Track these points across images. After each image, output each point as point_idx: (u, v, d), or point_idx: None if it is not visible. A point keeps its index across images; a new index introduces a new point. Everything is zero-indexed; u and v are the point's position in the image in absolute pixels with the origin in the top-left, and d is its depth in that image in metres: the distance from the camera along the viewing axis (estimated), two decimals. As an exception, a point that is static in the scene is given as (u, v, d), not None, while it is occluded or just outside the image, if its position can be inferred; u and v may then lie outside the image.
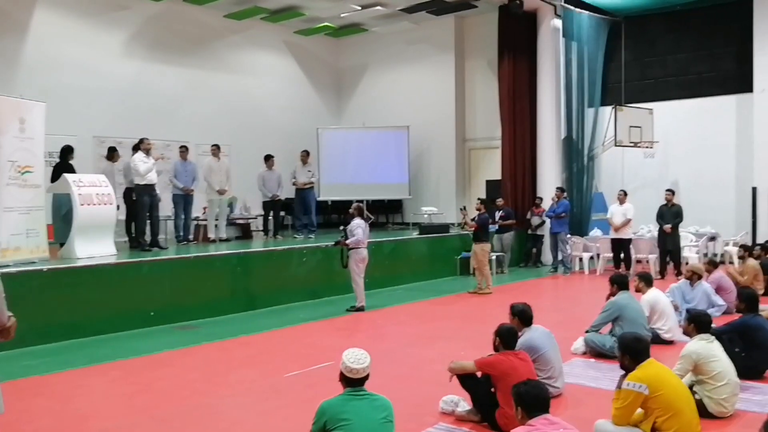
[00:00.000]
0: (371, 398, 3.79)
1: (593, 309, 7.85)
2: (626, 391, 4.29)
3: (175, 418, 5.43)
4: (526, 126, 15.77)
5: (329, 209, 17.82)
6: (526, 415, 3.65)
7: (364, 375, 3.78)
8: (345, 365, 3.78)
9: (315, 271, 11.38)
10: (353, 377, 3.77)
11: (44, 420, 5.38)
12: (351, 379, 3.78)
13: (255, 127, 16.30)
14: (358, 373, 3.77)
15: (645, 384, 4.23)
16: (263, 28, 16.84)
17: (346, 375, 3.79)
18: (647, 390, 4.21)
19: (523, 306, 5.77)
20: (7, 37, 12.06)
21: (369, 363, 3.81)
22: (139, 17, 14.49)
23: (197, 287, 9.69)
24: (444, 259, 14.09)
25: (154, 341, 8.21)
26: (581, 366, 6.82)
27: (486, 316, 9.41)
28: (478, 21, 17.03)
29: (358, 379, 3.78)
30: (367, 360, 3.81)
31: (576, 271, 14.49)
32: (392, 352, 7.64)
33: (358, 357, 3.80)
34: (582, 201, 16.08)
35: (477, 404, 5.11)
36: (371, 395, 3.80)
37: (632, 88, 16.29)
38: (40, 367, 6.98)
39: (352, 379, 3.78)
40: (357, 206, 10.37)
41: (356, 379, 3.77)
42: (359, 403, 3.73)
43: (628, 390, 4.28)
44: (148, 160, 10.93)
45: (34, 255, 8.81)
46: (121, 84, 14.00)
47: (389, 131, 17.18)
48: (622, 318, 7.04)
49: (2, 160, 8.50)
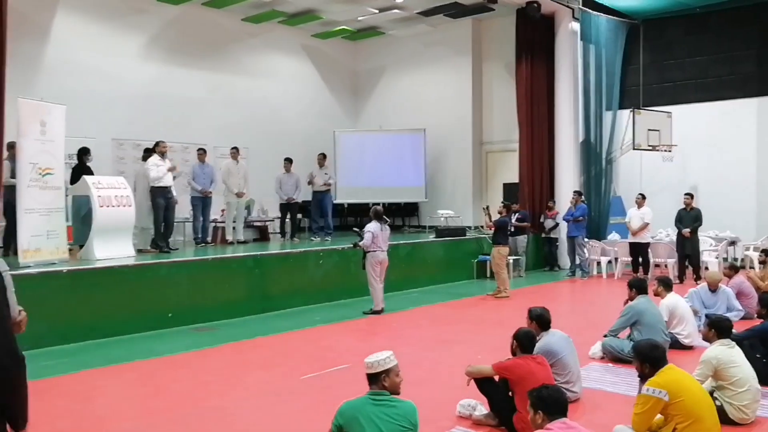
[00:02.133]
0: (390, 404, 3.71)
1: (611, 313, 7.80)
2: (646, 396, 4.25)
3: (191, 419, 5.45)
4: (543, 129, 15.70)
5: (346, 212, 17.85)
6: (548, 418, 3.63)
7: (379, 370, 3.75)
8: (365, 362, 3.80)
9: (331, 274, 11.39)
10: (369, 372, 3.78)
11: (63, 420, 5.42)
12: (369, 375, 3.78)
13: (272, 130, 16.36)
14: (372, 367, 3.76)
15: (665, 390, 4.18)
16: (281, 31, 16.91)
17: (366, 372, 3.80)
18: (667, 396, 4.17)
19: (541, 310, 5.74)
20: (29, 41, 12.19)
21: (384, 358, 3.78)
22: (157, 21, 14.61)
23: (215, 289, 9.73)
24: (460, 262, 14.05)
25: (172, 342, 8.25)
26: (599, 370, 6.77)
27: (503, 319, 9.38)
28: (495, 24, 17.00)
29: (375, 374, 3.76)
30: (380, 356, 3.79)
31: (594, 275, 14.40)
32: (408, 355, 7.60)
33: (375, 354, 3.81)
34: (600, 204, 15.98)
35: (494, 408, 5.09)
36: (391, 401, 3.73)
37: (650, 91, 16.18)
38: (59, 367, 7.03)
39: (370, 375, 3.77)
40: (374, 209, 10.37)
41: (373, 374, 3.76)
42: (376, 409, 3.68)
43: (647, 395, 4.24)
44: (162, 163, 11.00)
45: (54, 256, 8.89)
46: (139, 87, 14.12)
47: (406, 134, 17.18)
48: (640, 323, 6.97)
49: (23, 162, 8.59)
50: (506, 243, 11.90)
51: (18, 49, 10.61)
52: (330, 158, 15.14)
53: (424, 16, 16.34)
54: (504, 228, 11.86)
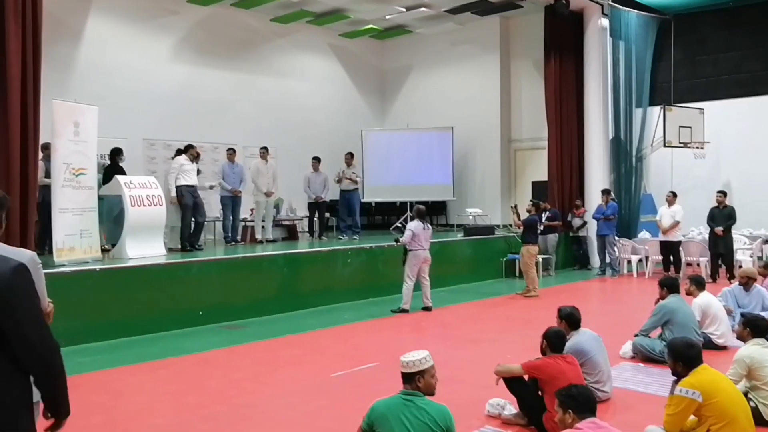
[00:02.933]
0: (420, 406, 3.66)
1: (642, 312, 7.71)
2: (679, 397, 4.19)
3: (222, 416, 5.51)
4: (573, 126, 15.58)
5: (373, 211, 17.87)
6: (577, 417, 3.61)
7: (414, 370, 3.73)
8: (401, 360, 3.79)
9: (359, 272, 11.43)
10: (404, 371, 3.76)
11: (97, 416, 5.51)
12: (404, 374, 3.77)
13: (300, 130, 16.44)
14: (407, 367, 3.74)
15: (698, 391, 4.12)
16: (309, 31, 16.98)
17: (401, 370, 3.79)
18: (701, 397, 4.11)
19: (570, 309, 5.70)
20: (63, 43, 12.40)
21: (420, 359, 3.75)
22: (187, 22, 14.76)
23: (244, 287, 9.82)
24: (489, 261, 14.00)
25: (202, 340, 8.34)
26: (630, 370, 6.70)
27: (532, 318, 9.33)
28: (523, 21, 16.89)
29: (408, 374, 3.75)
30: (416, 356, 3.76)
31: (624, 274, 14.25)
32: (437, 354, 7.54)
33: (411, 352, 3.80)
34: (630, 203, 15.81)
35: (524, 408, 5.07)
36: (422, 402, 3.69)
37: (682, 87, 15.96)
38: (93, 364, 7.16)
39: (405, 375, 3.76)
40: (417, 208, 10.43)
41: (408, 374, 3.75)
42: (406, 410, 3.65)
43: (680, 396, 4.18)
44: (189, 165, 11.14)
45: (88, 255, 9.04)
46: (170, 87, 14.28)
47: (434, 132, 17.14)
48: (672, 322, 6.89)
49: (57, 163, 8.75)
50: (535, 242, 11.82)
51: (52, 52, 10.80)
52: (357, 157, 15.17)
53: (452, 14, 16.28)
54: (533, 227, 11.79)
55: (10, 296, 2.16)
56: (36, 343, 2.25)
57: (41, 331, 2.27)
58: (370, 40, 18.65)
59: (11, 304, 2.17)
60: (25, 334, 2.22)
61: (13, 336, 2.19)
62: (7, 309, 2.16)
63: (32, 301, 2.27)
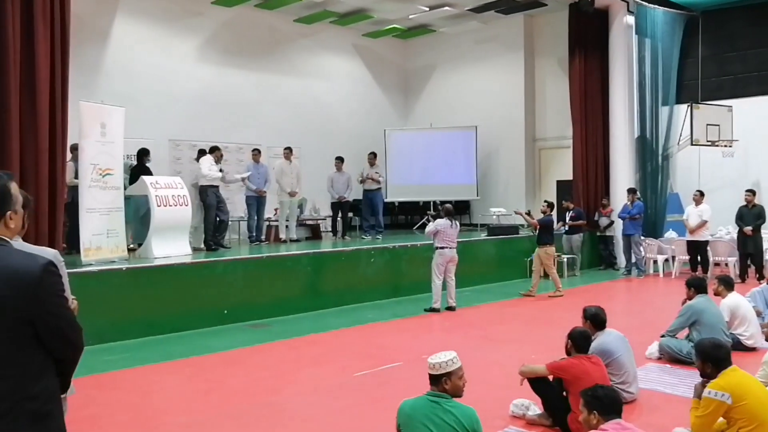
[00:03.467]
0: (446, 407, 3.65)
1: (668, 313, 7.62)
2: (707, 399, 4.13)
3: (247, 414, 5.54)
4: (598, 125, 15.44)
5: (396, 210, 17.87)
6: (603, 418, 3.58)
7: (441, 372, 3.72)
8: (428, 362, 3.78)
9: (382, 272, 11.44)
10: (431, 372, 3.75)
11: (123, 414, 5.58)
12: (430, 375, 3.76)
13: (324, 130, 16.49)
14: (435, 368, 3.74)
15: (728, 393, 4.05)
16: (332, 31, 17.03)
17: (428, 371, 3.78)
18: (730, 399, 4.04)
19: (596, 309, 5.65)
20: (90, 45, 12.56)
21: (448, 360, 3.74)
22: (212, 23, 14.87)
23: (269, 286, 9.87)
24: (513, 261, 13.92)
25: (227, 339, 8.40)
26: (656, 371, 6.63)
27: (557, 319, 9.26)
28: (547, 19, 16.77)
29: (435, 376, 3.74)
30: (443, 357, 3.75)
31: (650, 274, 14.10)
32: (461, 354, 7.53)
33: (439, 353, 3.79)
34: (656, 202, 15.62)
35: (548, 408, 5.04)
36: (448, 404, 3.67)
37: (709, 85, 15.73)
38: (120, 362, 7.24)
39: (432, 376, 3.75)
40: (445, 207, 10.48)
41: (433, 375, 3.74)
42: (431, 411, 3.64)
43: (709, 398, 4.12)
44: (216, 167, 11.23)
45: (114, 254, 9.15)
46: (195, 88, 14.40)
47: (457, 131, 17.09)
48: (699, 323, 6.80)
49: (85, 163, 8.87)
50: (552, 242, 11.70)
51: (80, 54, 10.94)
52: (381, 157, 15.17)
53: (475, 13, 16.22)
54: (549, 227, 11.68)
55: (40, 292, 2.22)
56: (69, 334, 2.33)
57: (71, 322, 2.36)
58: (393, 40, 18.64)
59: (43, 301, 2.23)
60: (60, 328, 2.29)
61: (48, 331, 2.26)
62: (40, 305, 2.23)
63: (62, 296, 2.34)
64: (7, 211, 2.34)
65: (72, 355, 2.39)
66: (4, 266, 2.22)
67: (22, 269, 2.22)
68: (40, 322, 2.23)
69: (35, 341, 2.25)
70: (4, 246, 2.30)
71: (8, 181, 2.40)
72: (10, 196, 2.38)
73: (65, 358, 2.36)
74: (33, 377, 2.25)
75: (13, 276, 2.20)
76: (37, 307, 2.22)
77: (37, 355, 2.26)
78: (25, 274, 2.21)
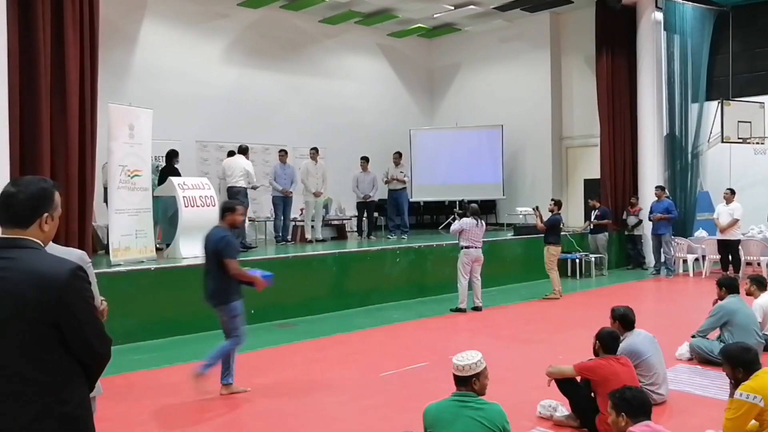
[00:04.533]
0: (476, 406, 3.66)
1: (699, 313, 7.51)
2: (739, 401, 4.06)
3: (273, 414, 5.57)
4: (626, 123, 15.28)
5: (422, 210, 17.84)
6: (631, 420, 3.53)
7: (470, 373, 3.71)
8: (454, 363, 3.78)
9: (408, 272, 11.43)
10: (459, 374, 3.75)
11: (152, 413, 5.64)
12: (458, 377, 3.76)
13: (349, 130, 16.52)
14: (459, 370, 3.74)
15: (760, 395, 3.98)
16: (357, 31, 17.05)
17: (454, 373, 3.78)
18: (762, 402, 3.97)
19: (624, 309, 5.58)
20: (118, 49, 12.71)
21: (476, 362, 3.73)
22: (238, 25, 14.98)
23: (295, 286, 9.90)
24: (540, 261, 13.66)
25: (255, 339, 8.39)
26: (687, 372, 6.54)
27: (584, 319, 9.17)
28: (574, 17, 16.62)
29: (462, 377, 3.74)
30: (472, 359, 3.75)
31: (679, 274, 13.90)
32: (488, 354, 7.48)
33: (464, 354, 3.78)
34: (686, 200, 15.39)
35: (576, 409, 4.99)
36: (478, 403, 3.68)
37: (740, 81, 15.45)
38: (149, 361, 7.33)
39: (459, 377, 3.75)
40: (472, 207, 10.50)
41: (460, 377, 3.74)
42: (461, 411, 3.63)
43: (741, 401, 4.05)
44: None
45: (143, 255, 9.26)
46: (221, 90, 14.51)
47: (483, 131, 17.00)
48: (731, 323, 6.68)
49: (113, 165, 8.99)
50: (558, 242, 11.52)
51: (108, 58, 11.09)
52: (406, 157, 15.16)
53: (501, 11, 16.13)
54: (556, 226, 11.52)
55: (68, 298, 2.24)
56: (94, 342, 2.34)
57: (98, 329, 2.37)
58: (418, 39, 18.61)
59: (70, 306, 2.25)
60: (84, 334, 2.30)
61: (73, 335, 2.27)
62: (66, 310, 2.24)
63: (89, 301, 2.36)
64: (45, 213, 2.37)
65: (96, 363, 2.39)
66: (33, 270, 2.24)
67: (50, 273, 2.24)
68: (66, 326, 2.25)
69: (64, 346, 2.27)
70: (36, 249, 2.33)
71: (53, 188, 2.43)
72: (51, 201, 2.40)
73: (90, 365, 2.37)
74: (63, 381, 2.27)
75: (41, 280, 2.22)
76: (63, 311, 2.23)
77: (66, 360, 2.28)
78: (53, 278, 2.23)
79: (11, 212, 2.32)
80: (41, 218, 2.35)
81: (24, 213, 2.33)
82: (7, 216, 2.33)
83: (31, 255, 2.29)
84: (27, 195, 2.34)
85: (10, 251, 2.28)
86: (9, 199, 2.33)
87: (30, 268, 2.24)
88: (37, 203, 2.35)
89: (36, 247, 2.33)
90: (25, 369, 2.21)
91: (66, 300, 2.23)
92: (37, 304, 2.20)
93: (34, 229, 2.35)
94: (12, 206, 2.32)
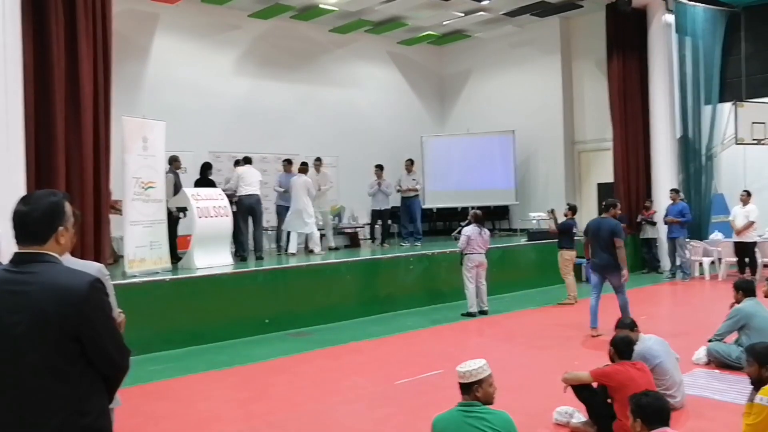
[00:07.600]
0: (481, 416, 3.64)
1: (716, 316, 7.45)
2: (760, 406, 4.00)
3: (289, 423, 5.58)
4: (638, 126, 15.20)
5: (435, 217, 17.83)
6: (647, 426, 3.51)
7: (471, 380, 3.72)
8: (457, 371, 3.79)
9: (421, 279, 11.43)
10: (461, 381, 3.76)
11: (168, 422, 5.67)
12: (461, 384, 3.77)
13: (361, 138, 16.56)
14: (461, 377, 3.75)
15: (781, 399, 3.94)
16: (367, 40, 17.10)
17: (458, 380, 3.79)
18: (784, 406, 3.93)
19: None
20: (131, 62, 12.83)
21: (477, 368, 3.74)
22: (248, 36, 15.07)
23: (309, 295, 9.92)
24: (554, 266, 13.63)
25: (270, 348, 8.47)
26: (704, 377, 6.48)
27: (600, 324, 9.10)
28: (584, 21, 16.59)
29: (465, 384, 3.74)
30: (473, 365, 3.75)
31: (695, 277, 13.80)
32: (503, 361, 7.52)
33: (468, 362, 3.79)
34: (700, 203, 15.28)
35: (593, 416, 4.96)
36: (482, 412, 3.66)
37: (754, 82, 15.35)
38: (164, 372, 7.35)
39: (463, 385, 3.76)
40: (474, 213, 10.57)
41: (466, 384, 3.74)
42: (466, 421, 3.62)
43: (762, 405, 3.99)
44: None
45: (157, 266, 9.31)
46: (233, 101, 14.60)
47: (494, 136, 16.99)
48: (749, 326, 6.62)
49: (128, 177, 9.05)
50: (572, 246, 11.50)
51: (122, 71, 11.19)
52: (417, 164, 15.17)
53: (510, 17, 16.14)
54: (569, 231, 11.48)
55: (88, 311, 2.27)
56: (113, 354, 2.37)
57: (117, 341, 2.40)
58: (428, 47, 18.64)
59: (89, 318, 2.28)
60: (104, 346, 2.33)
61: (93, 347, 2.30)
62: (87, 323, 2.27)
63: (108, 314, 2.39)
64: (59, 227, 2.40)
65: (115, 375, 2.43)
66: (52, 283, 2.27)
67: (69, 286, 2.27)
68: (86, 338, 2.28)
69: (85, 358, 2.30)
70: (54, 263, 2.36)
71: (63, 199, 2.46)
72: (63, 213, 2.44)
73: (109, 376, 2.41)
74: (84, 393, 2.30)
75: (60, 293, 2.25)
76: (83, 323, 2.26)
77: (87, 372, 2.31)
78: (73, 291, 2.26)
79: (27, 231, 2.36)
80: (57, 232, 2.39)
81: (41, 230, 2.37)
82: (23, 235, 2.37)
83: (50, 269, 2.32)
84: (40, 212, 2.37)
85: (30, 266, 2.32)
86: (24, 218, 2.37)
87: (50, 282, 2.28)
88: (51, 218, 2.39)
89: (54, 261, 2.36)
90: (48, 381, 2.24)
91: (86, 313, 2.26)
92: (58, 318, 2.23)
93: (51, 244, 2.38)
94: (27, 225, 2.36)
